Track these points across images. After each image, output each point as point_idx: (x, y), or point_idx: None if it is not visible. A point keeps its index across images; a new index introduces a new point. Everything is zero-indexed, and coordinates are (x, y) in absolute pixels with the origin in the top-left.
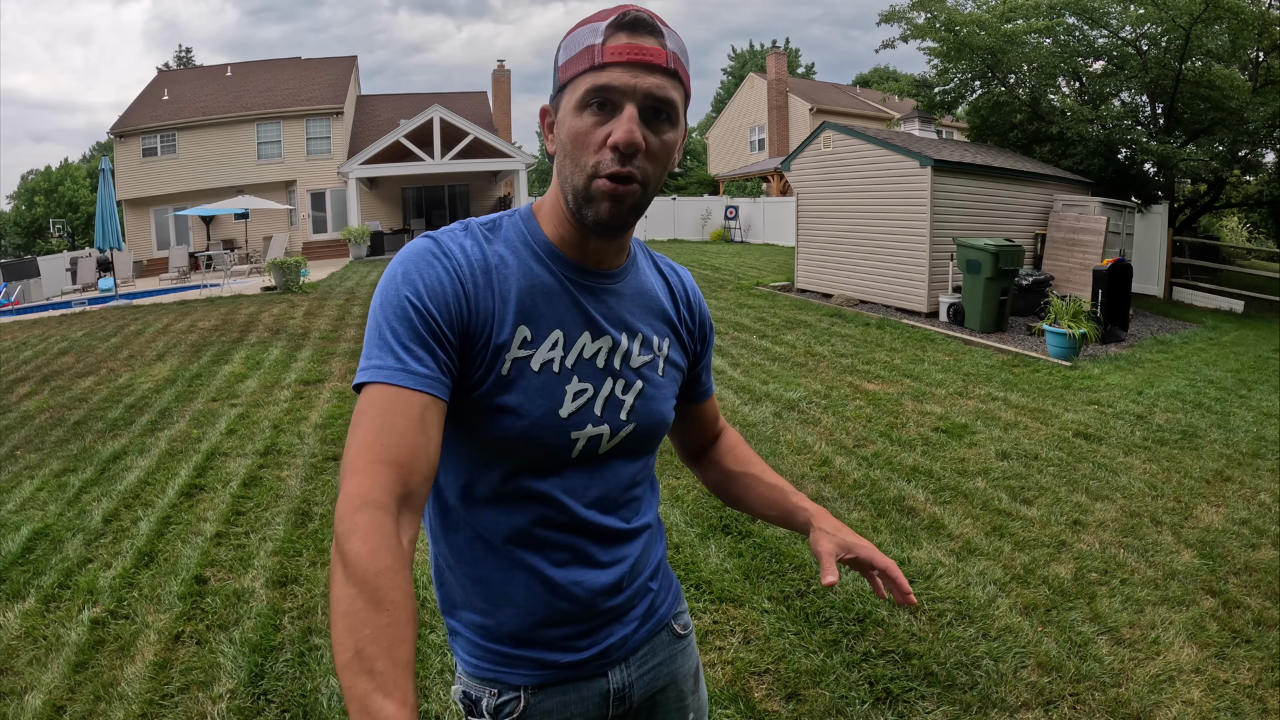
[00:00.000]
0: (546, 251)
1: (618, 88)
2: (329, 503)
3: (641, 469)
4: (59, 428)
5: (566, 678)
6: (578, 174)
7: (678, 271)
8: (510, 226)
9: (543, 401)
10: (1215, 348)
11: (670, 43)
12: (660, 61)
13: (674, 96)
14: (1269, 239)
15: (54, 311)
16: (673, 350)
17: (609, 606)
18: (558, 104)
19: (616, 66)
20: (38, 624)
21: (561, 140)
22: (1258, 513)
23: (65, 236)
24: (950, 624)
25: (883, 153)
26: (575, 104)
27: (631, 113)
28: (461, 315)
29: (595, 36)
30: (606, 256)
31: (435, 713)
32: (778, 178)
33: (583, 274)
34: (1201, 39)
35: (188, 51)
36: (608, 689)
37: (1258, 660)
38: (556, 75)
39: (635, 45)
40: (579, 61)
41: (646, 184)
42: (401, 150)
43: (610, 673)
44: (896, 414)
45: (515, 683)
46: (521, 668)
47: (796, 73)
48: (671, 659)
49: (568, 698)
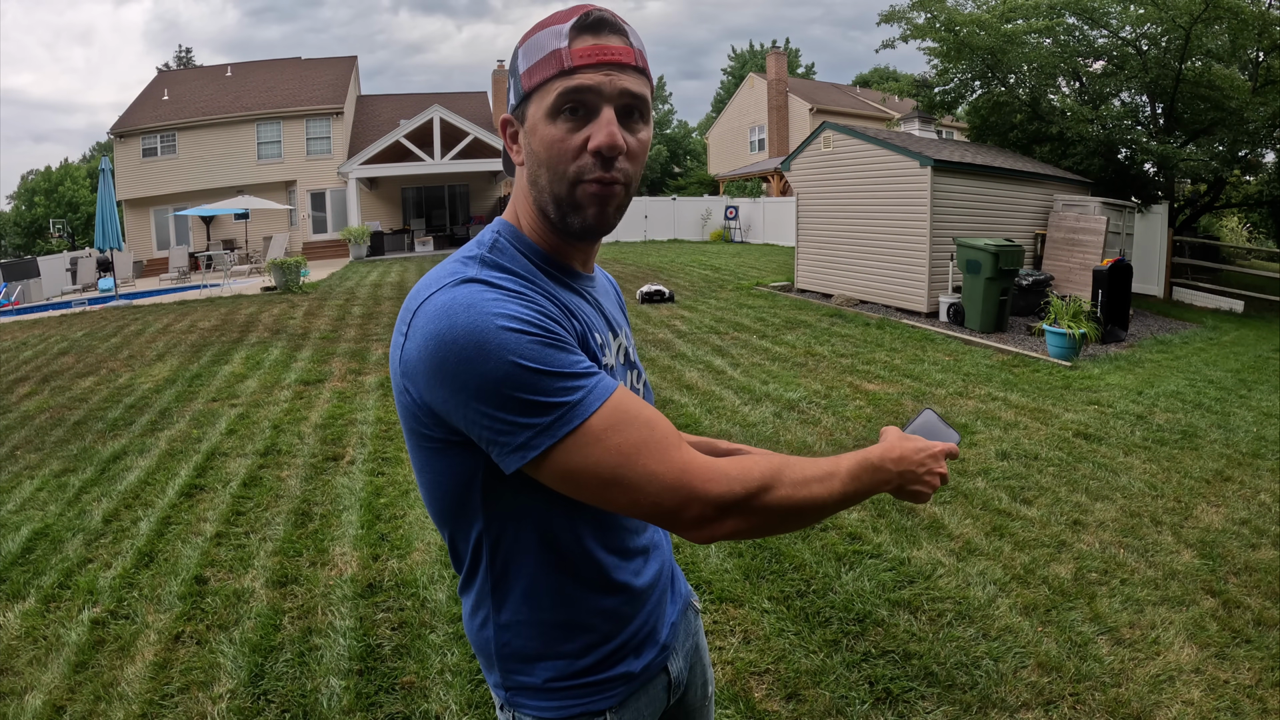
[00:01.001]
0: (550, 263)
1: (592, 89)
2: (329, 503)
3: None
4: (59, 428)
5: (641, 682)
6: (558, 182)
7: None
8: (507, 248)
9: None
10: (1215, 348)
11: (634, 40)
12: (630, 60)
13: (645, 93)
14: (1269, 239)
15: (54, 312)
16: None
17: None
18: (523, 113)
19: (587, 69)
20: (38, 624)
21: (534, 150)
22: (1258, 513)
23: (65, 236)
24: (950, 624)
25: (883, 153)
26: (547, 111)
27: (610, 115)
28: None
29: (559, 40)
30: (589, 260)
31: (435, 713)
32: (778, 178)
33: (578, 279)
34: (1201, 39)
35: (188, 52)
36: (669, 680)
37: (1258, 660)
38: (518, 83)
39: (602, 46)
40: (545, 67)
41: (629, 184)
42: (401, 150)
43: (669, 664)
44: (896, 414)
45: (600, 708)
46: (606, 689)
47: (796, 73)
48: (696, 633)
49: (640, 703)
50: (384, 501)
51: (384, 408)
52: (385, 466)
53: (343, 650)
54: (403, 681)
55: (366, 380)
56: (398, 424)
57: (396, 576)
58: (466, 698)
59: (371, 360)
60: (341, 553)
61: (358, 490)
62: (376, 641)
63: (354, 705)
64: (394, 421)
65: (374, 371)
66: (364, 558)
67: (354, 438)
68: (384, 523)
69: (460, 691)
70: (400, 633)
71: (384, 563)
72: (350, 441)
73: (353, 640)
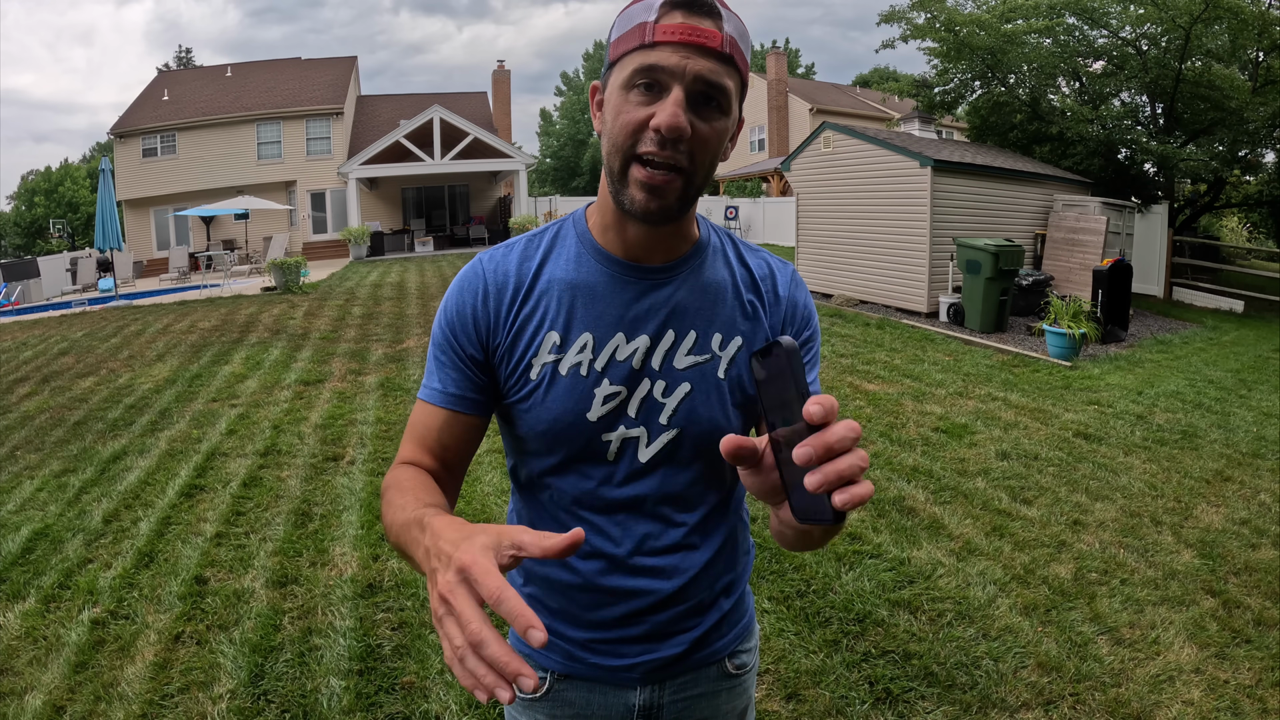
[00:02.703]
0: (590, 248)
1: (665, 68)
2: (329, 503)
3: (701, 479)
4: (59, 428)
5: (595, 676)
6: (614, 155)
7: (769, 263)
8: (567, 225)
9: (570, 405)
10: (1215, 348)
11: (729, 25)
12: (715, 45)
13: (727, 83)
14: (1269, 239)
15: (54, 312)
16: (745, 351)
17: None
18: (606, 80)
19: (666, 46)
20: (38, 624)
21: (606, 119)
22: (1258, 513)
23: (65, 237)
24: (950, 624)
25: (883, 153)
26: (622, 83)
27: (678, 96)
28: (481, 334)
29: (649, 13)
30: (653, 248)
31: (435, 713)
32: (778, 178)
33: (624, 269)
34: (1201, 39)
35: (188, 52)
36: (634, 704)
37: (1258, 660)
38: (607, 52)
39: (690, 25)
40: (629, 39)
41: (693, 174)
42: (401, 150)
43: (639, 688)
44: (896, 414)
45: (545, 665)
46: (554, 653)
47: (796, 73)
48: (715, 695)
49: (592, 696)
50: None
51: (384, 408)
52: (385, 467)
53: (343, 650)
54: (403, 682)
55: (366, 380)
56: (398, 424)
57: (396, 576)
58: (467, 698)
59: (371, 360)
60: (341, 553)
61: (358, 490)
62: (376, 642)
63: (354, 705)
64: (394, 421)
65: (374, 372)
66: (364, 558)
67: (354, 438)
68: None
69: (460, 692)
70: (400, 633)
71: (384, 563)
72: (350, 442)
73: (353, 640)
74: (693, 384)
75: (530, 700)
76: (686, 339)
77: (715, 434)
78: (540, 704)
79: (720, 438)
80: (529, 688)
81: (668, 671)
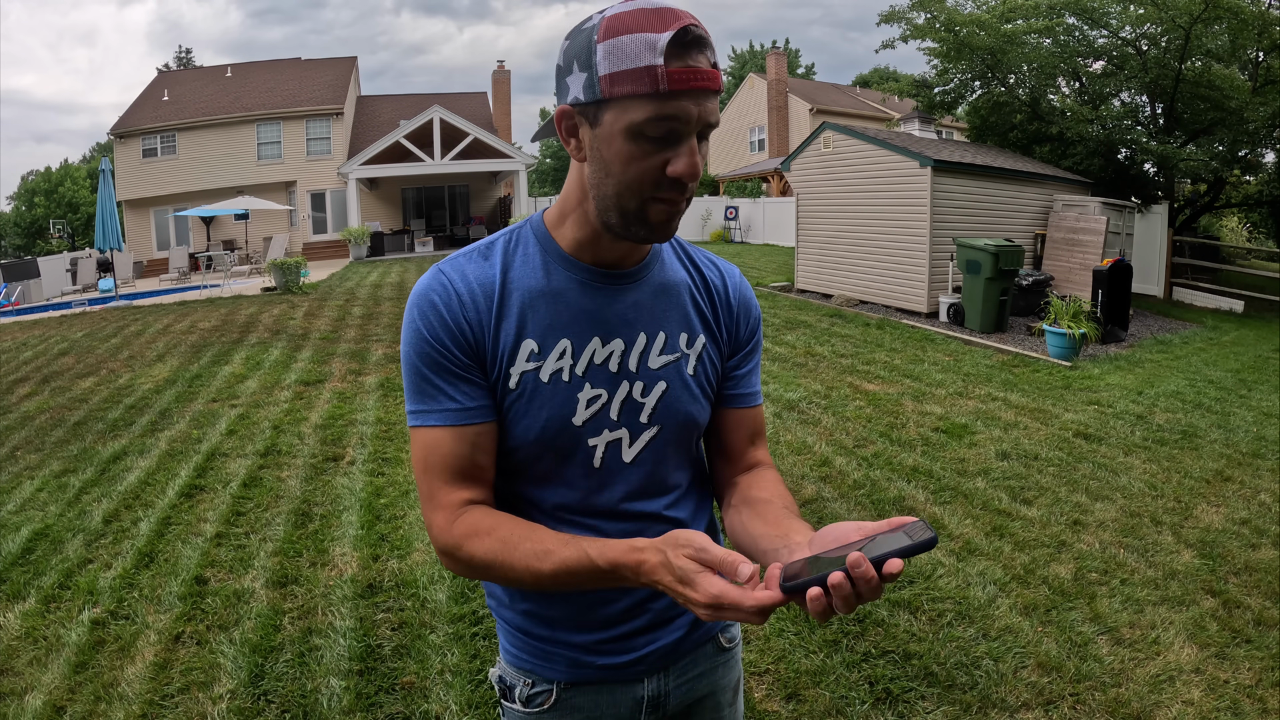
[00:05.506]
0: (558, 258)
1: (683, 119)
2: (329, 503)
3: (681, 465)
4: (59, 428)
5: (602, 678)
6: (629, 198)
7: (719, 266)
8: (525, 237)
9: (555, 410)
10: (1215, 348)
11: (713, 56)
12: (717, 86)
13: (719, 115)
14: (1269, 239)
15: (54, 312)
16: (707, 348)
17: (653, 609)
18: (596, 116)
19: (682, 96)
20: (38, 624)
21: (604, 159)
22: (1258, 513)
23: (65, 237)
24: (950, 624)
25: (883, 153)
26: (630, 126)
27: (693, 144)
28: (470, 341)
29: (654, 55)
30: (625, 256)
31: (435, 713)
32: (778, 178)
33: (596, 276)
34: (1201, 39)
35: (188, 52)
36: (642, 695)
37: (1258, 660)
38: (593, 82)
39: (697, 70)
40: (635, 80)
41: (691, 198)
42: (401, 151)
43: (646, 680)
44: (896, 414)
45: (550, 676)
46: (559, 663)
47: (796, 73)
48: (713, 670)
49: (600, 698)
50: (384, 502)
51: (384, 408)
52: (385, 467)
53: (343, 650)
54: (403, 682)
55: (366, 381)
56: (397, 424)
57: (396, 577)
58: (466, 698)
59: (371, 360)
60: (341, 553)
61: (358, 491)
62: (376, 642)
63: (354, 705)
64: (394, 422)
65: (374, 372)
66: (364, 558)
67: (354, 438)
68: (384, 523)
69: (460, 692)
70: (400, 633)
71: (384, 563)
72: (350, 442)
73: (353, 640)
74: (669, 382)
75: (537, 711)
76: (657, 340)
77: (691, 425)
78: (548, 714)
79: (695, 427)
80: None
81: (671, 657)
